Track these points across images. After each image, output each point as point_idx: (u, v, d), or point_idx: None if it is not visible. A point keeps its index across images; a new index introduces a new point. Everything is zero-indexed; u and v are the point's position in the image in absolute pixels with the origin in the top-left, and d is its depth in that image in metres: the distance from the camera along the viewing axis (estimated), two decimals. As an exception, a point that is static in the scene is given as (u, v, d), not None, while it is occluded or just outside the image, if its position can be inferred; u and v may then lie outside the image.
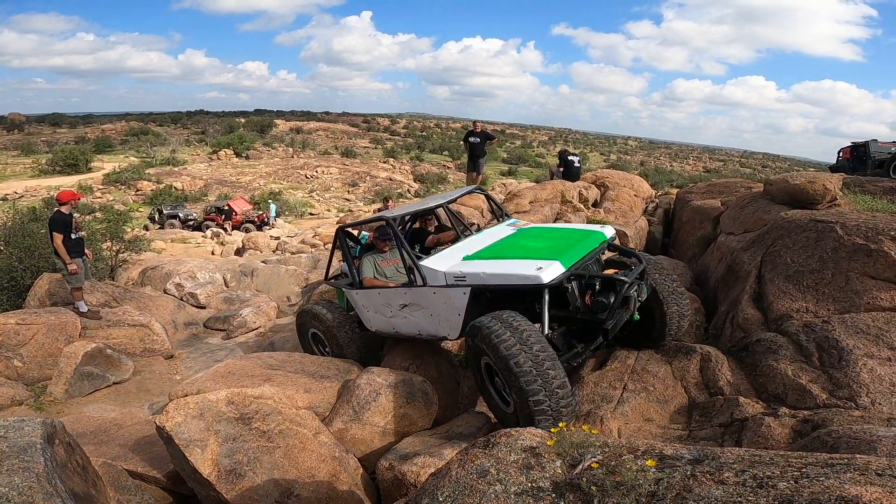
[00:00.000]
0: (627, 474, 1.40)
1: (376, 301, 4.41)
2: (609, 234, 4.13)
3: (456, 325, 3.72)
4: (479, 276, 3.51)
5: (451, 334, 3.85)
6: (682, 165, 72.91)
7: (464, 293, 3.56)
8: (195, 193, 37.73)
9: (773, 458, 1.40)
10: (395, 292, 4.16)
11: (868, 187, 7.28)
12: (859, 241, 4.07)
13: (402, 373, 4.10)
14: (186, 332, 7.42)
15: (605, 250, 4.09)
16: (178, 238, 21.72)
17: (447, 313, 3.76)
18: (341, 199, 41.23)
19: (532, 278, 3.20)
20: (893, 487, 1.17)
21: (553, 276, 3.20)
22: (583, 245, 3.74)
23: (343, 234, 4.86)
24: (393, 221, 4.15)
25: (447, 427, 3.82)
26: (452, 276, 3.63)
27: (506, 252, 3.82)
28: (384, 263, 4.68)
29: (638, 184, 11.06)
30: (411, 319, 4.14)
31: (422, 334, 4.18)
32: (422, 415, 3.84)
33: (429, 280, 3.78)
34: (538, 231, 4.50)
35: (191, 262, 9.66)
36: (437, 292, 3.74)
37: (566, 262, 3.35)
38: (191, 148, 56.24)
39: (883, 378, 3.16)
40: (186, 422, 2.84)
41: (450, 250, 4.11)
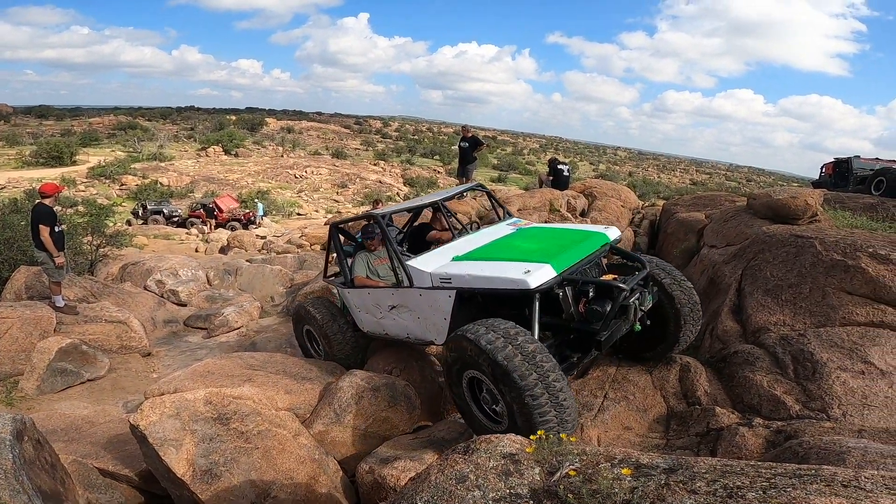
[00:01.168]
0: (603, 482, 1.42)
1: (367, 301, 4.29)
2: (613, 237, 3.87)
3: (442, 329, 3.56)
4: (465, 278, 3.31)
5: (438, 339, 3.69)
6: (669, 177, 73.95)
7: (449, 296, 3.40)
8: (181, 190, 37.28)
9: (743, 468, 1.42)
10: (384, 293, 4.03)
11: (849, 204, 7.45)
12: (837, 257, 4.16)
13: (386, 376, 4.09)
14: (166, 329, 7.30)
15: (606, 253, 3.80)
16: (162, 234, 21.42)
17: (434, 317, 3.60)
18: (330, 200, 41.04)
19: (518, 282, 2.98)
20: (858, 499, 1.20)
21: (541, 280, 2.97)
22: (581, 247, 3.51)
23: (336, 231, 4.73)
24: (381, 218, 4.01)
25: (429, 432, 3.81)
26: (438, 277, 3.46)
27: (497, 253, 3.59)
28: (377, 262, 4.54)
29: (625, 194, 11.18)
30: (400, 322, 4.00)
31: (410, 338, 4.05)
32: (403, 419, 3.83)
33: (415, 281, 3.62)
34: (536, 231, 4.28)
35: (173, 259, 9.53)
36: (423, 294, 3.59)
37: (559, 265, 3.13)
38: (179, 144, 55.59)
39: (855, 391, 3.23)
40: (162, 421, 2.80)
41: (441, 250, 3.95)
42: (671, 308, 3.68)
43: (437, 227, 5.07)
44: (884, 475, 1.30)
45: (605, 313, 2.98)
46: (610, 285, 3.08)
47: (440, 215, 5.02)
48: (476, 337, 2.75)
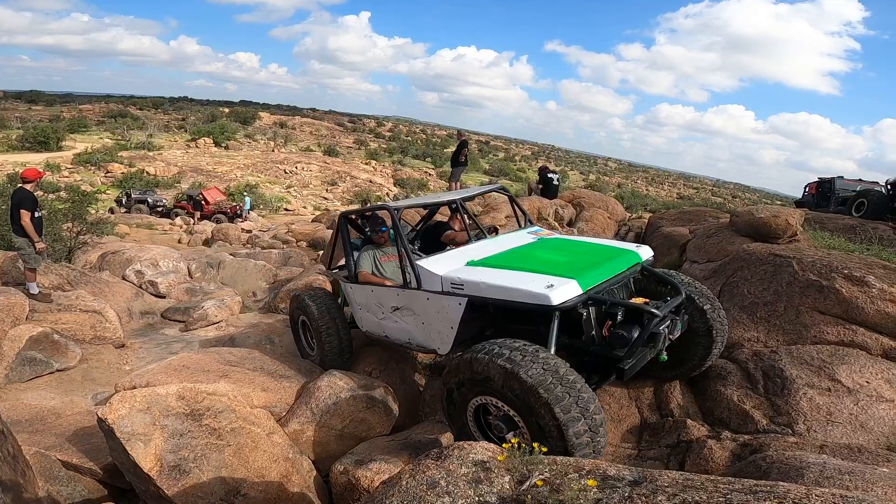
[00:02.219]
0: (569, 493, 1.43)
1: (369, 299, 4.06)
2: (645, 256, 3.60)
3: (447, 339, 3.31)
4: (479, 286, 3.03)
5: (441, 348, 3.45)
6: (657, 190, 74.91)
7: (459, 304, 3.13)
8: (168, 180, 36.83)
9: (704, 482, 1.45)
10: (388, 292, 3.80)
11: (829, 224, 7.61)
12: (813, 278, 4.25)
13: (365, 377, 4.07)
14: (142, 321, 7.18)
15: (636, 274, 3.49)
16: (145, 224, 21.12)
17: (439, 324, 3.34)
18: (319, 197, 40.82)
19: (539, 297, 2.71)
20: None
21: (565, 297, 2.71)
22: (610, 265, 3.23)
23: (345, 222, 4.47)
24: (396, 211, 3.81)
25: (406, 434, 3.81)
26: (450, 282, 3.19)
27: (517, 262, 3.32)
28: (385, 259, 4.27)
29: (613, 206, 11.30)
30: (402, 325, 3.76)
31: (411, 343, 3.82)
32: (381, 421, 3.82)
33: (424, 283, 3.37)
34: (561, 243, 4.00)
35: (154, 250, 9.40)
36: (430, 298, 3.34)
37: (585, 282, 2.86)
38: (169, 134, 54.94)
39: (821, 407, 3.31)
40: (131, 415, 2.76)
41: (455, 252, 3.69)
42: (705, 335, 3.45)
43: (455, 227, 4.78)
44: (833, 493, 1.34)
45: (631, 340, 2.72)
46: (641, 309, 2.82)
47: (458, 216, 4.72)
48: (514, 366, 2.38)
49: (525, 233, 4.28)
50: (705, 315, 3.43)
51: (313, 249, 15.02)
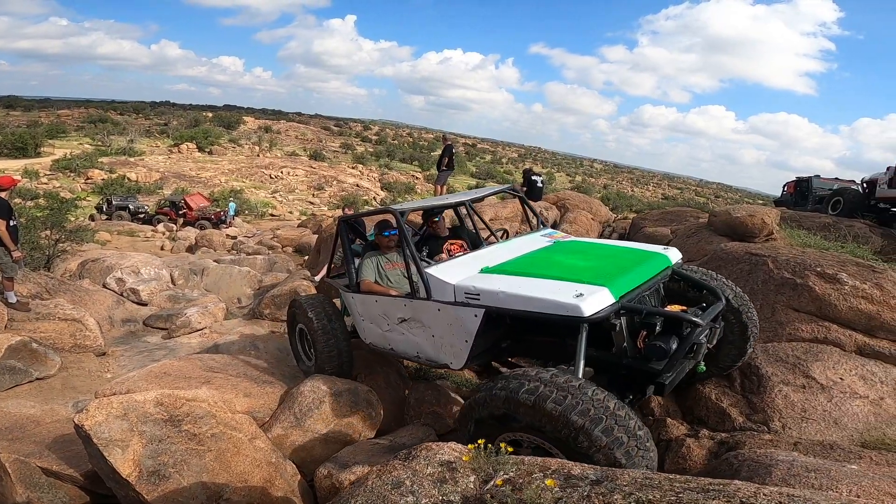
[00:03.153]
0: (529, 493, 1.44)
1: (373, 309, 3.76)
2: (675, 259, 3.35)
3: (461, 353, 3.03)
4: (497, 295, 2.74)
5: (455, 363, 3.15)
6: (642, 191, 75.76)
7: (475, 315, 2.83)
8: (150, 186, 36.38)
9: (661, 481, 1.48)
10: (394, 302, 3.51)
11: (805, 223, 7.77)
12: (787, 275, 4.35)
13: (348, 381, 4.07)
14: (124, 329, 7.08)
15: (666, 279, 3.22)
16: (126, 231, 20.78)
17: (452, 337, 3.05)
18: (305, 202, 40.60)
19: (568, 308, 2.44)
20: None
21: (597, 307, 2.45)
22: (640, 270, 2.96)
23: (345, 227, 4.17)
24: (401, 215, 3.50)
25: (390, 437, 3.82)
26: (463, 291, 2.90)
27: (536, 268, 3.03)
28: (389, 266, 3.99)
29: (596, 207, 11.43)
30: (410, 338, 3.47)
31: (420, 357, 3.51)
32: (365, 424, 3.82)
33: (434, 293, 3.07)
34: (580, 246, 3.68)
35: (136, 257, 9.26)
36: (442, 309, 3.05)
37: (617, 290, 2.60)
38: (151, 139, 54.21)
39: (795, 404, 3.37)
40: (108, 421, 2.74)
41: (466, 258, 3.41)
42: (740, 336, 3.30)
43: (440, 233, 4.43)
44: (781, 492, 1.36)
45: (670, 352, 2.45)
46: (681, 318, 2.55)
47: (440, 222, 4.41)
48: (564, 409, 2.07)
49: (539, 235, 3.98)
50: (740, 316, 3.26)
51: (299, 255, 14.93)
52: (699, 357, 2.72)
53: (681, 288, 3.35)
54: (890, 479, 2.26)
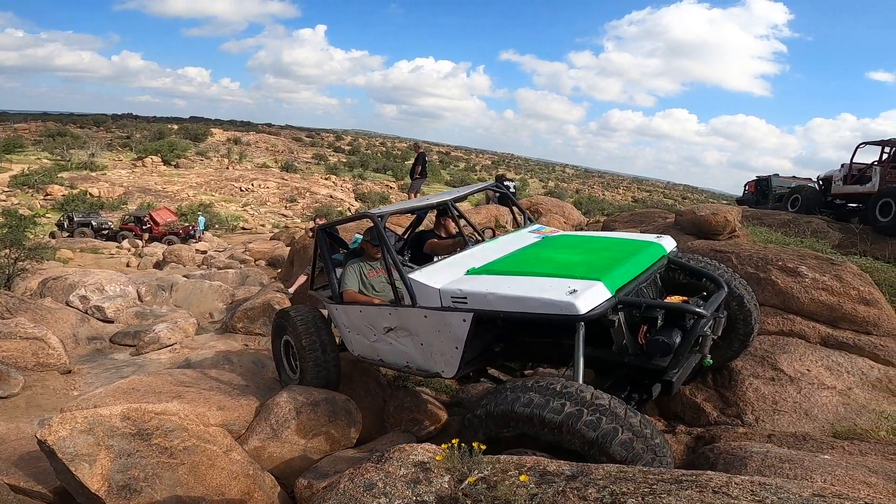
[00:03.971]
0: (503, 490, 1.43)
1: (358, 320, 3.60)
2: (670, 247, 3.23)
3: (452, 360, 2.87)
4: (486, 298, 2.59)
5: (447, 371, 2.99)
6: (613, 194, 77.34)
7: (464, 320, 2.68)
8: (113, 201, 35.23)
9: (634, 474, 1.48)
10: (379, 311, 3.35)
11: (766, 220, 8.07)
12: (751, 270, 4.49)
13: (326, 391, 4.01)
14: (89, 346, 6.85)
15: (662, 269, 3.10)
16: (89, 248, 20.05)
17: (441, 345, 2.90)
18: (278, 214, 39.96)
19: (562, 306, 2.28)
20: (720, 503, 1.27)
21: (593, 303, 2.29)
22: (635, 261, 2.83)
23: (324, 235, 4.03)
24: (380, 219, 3.36)
25: (371, 446, 3.78)
26: (450, 295, 2.74)
27: (526, 266, 2.90)
28: (372, 273, 3.84)
29: (569, 211, 11.62)
30: (398, 348, 3.30)
31: (410, 367, 3.35)
32: (345, 434, 3.77)
33: (419, 299, 2.92)
34: (571, 240, 3.58)
35: (100, 274, 8.96)
36: (428, 316, 2.89)
37: (612, 283, 2.46)
38: (113, 153, 52.55)
39: (766, 396, 3.46)
40: (73, 436, 2.66)
41: (451, 260, 3.25)
42: (744, 324, 3.22)
43: (442, 234, 4.26)
44: (752, 481, 1.37)
45: (674, 346, 2.32)
46: (684, 310, 2.43)
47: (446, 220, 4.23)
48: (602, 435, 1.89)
49: (526, 232, 3.82)
50: (744, 303, 3.15)
51: (272, 268, 14.66)
52: (705, 350, 2.58)
53: (679, 277, 3.21)
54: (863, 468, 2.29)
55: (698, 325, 2.39)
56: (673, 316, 2.45)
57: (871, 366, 3.84)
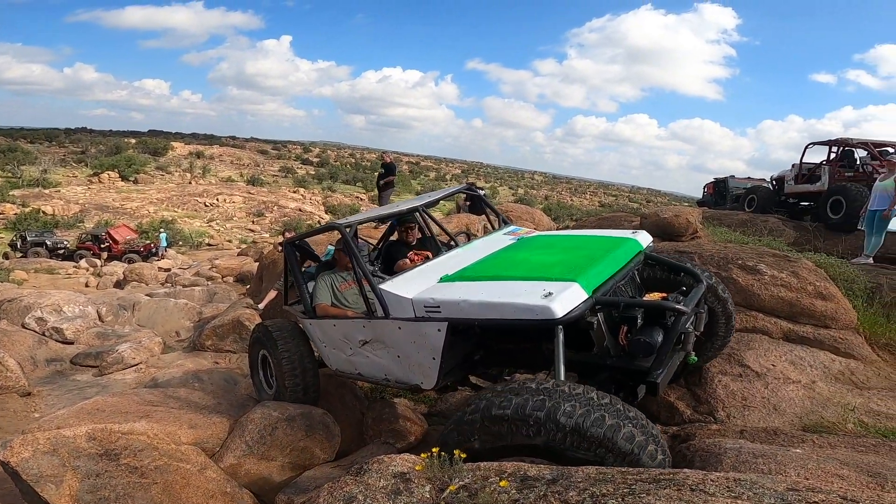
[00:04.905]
0: (485, 496, 1.43)
1: (333, 334, 3.49)
2: (646, 243, 3.19)
3: (431, 372, 2.77)
4: (459, 305, 2.50)
5: (426, 383, 2.88)
6: (580, 200, 78.94)
7: (438, 330, 2.59)
8: (69, 219, 33.81)
9: (614, 475, 1.49)
10: (353, 324, 3.25)
11: (725, 220, 8.40)
12: (713, 269, 4.63)
13: (302, 406, 3.93)
14: (49, 368, 6.57)
15: (639, 265, 3.04)
16: (45, 268, 19.17)
17: (418, 356, 2.80)
18: (245, 229, 39.12)
19: (537, 310, 2.22)
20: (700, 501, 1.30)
21: (570, 306, 2.23)
22: (612, 258, 2.79)
23: (292, 249, 3.91)
24: (346, 229, 3.27)
25: (351, 459, 3.72)
26: (423, 305, 2.65)
27: (500, 269, 2.84)
28: (345, 285, 3.74)
29: (539, 217, 11.83)
30: (375, 360, 3.20)
31: (389, 380, 3.22)
32: (324, 447, 3.70)
33: (392, 310, 2.83)
34: (546, 240, 3.52)
35: (57, 295, 8.59)
36: (402, 327, 2.79)
37: (588, 282, 2.40)
38: (67, 169, 50.44)
39: (735, 393, 3.52)
40: (36, 457, 2.56)
41: (424, 268, 3.17)
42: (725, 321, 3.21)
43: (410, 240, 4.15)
44: (727, 477, 1.40)
45: (657, 345, 2.26)
46: (664, 307, 2.37)
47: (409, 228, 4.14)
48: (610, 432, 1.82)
49: (501, 234, 3.76)
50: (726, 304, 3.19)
51: (241, 284, 14.33)
52: (688, 347, 2.49)
53: (657, 273, 3.16)
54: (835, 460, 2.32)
55: (679, 322, 2.32)
56: (653, 314, 2.38)
57: (833, 359, 3.97)
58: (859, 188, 7.89)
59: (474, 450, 1.96)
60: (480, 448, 1.98)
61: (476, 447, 1.98)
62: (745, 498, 1.27)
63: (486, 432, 1.97)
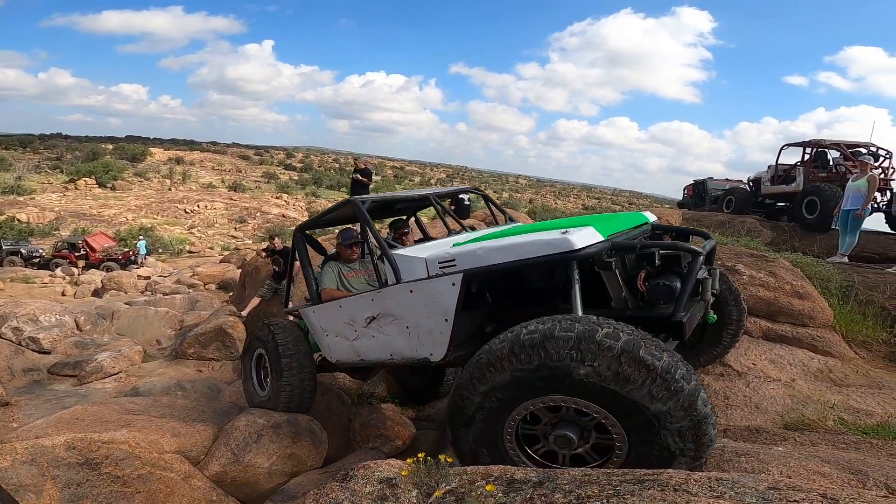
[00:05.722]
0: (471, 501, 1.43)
1: (337, 319, 3.44)
2: (652, 219, 3.21)
3: (442, 338, 2.67)
4: (476, 253, 2.50)
5: (435, 353, 2.76)
6: (564, 203, 79.56)
7: (453, 284, 2.55)
8: (44, 227, 32.95)
9: (598, 477, 1.51)
10: (361, 301, 3.22)
11: (704, 221, 8.55)
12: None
13: (286, 414, 3.88)
14: (26, 378, 6.43)
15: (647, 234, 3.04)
16: (20, 277, 18.64)
17: (429, 321, 2.72)
18: (227, 236, 38.56)
19: (556, 243, 2.25)
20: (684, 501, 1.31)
21: (587, 241, 2.26)
22: (620, 220, 2.86)
23: (302, 237, 3.90)
24: (362, 204, 3.25)
25: (340, 465, 3.70)
26: (437, 261, 2.64)
27: (513, 231, 2.85)
28: (351, 274, 3.79)
29: (524, 220, 11.88)
30: (381, 338, 3.14)
31: (395, 358, 3.12)
32: (311, 454, 3.67)
33: (405, 273, 2.79)
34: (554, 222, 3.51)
35: (33, 304, 8.40)
36: (415, 290, 2.74)
37: (603, 230, 2.42)
38: (42, 175, 49.21)
39: (718, 392, 3.57)
40: (14, 466, 2.52)
41: (435, 242, 3.17)
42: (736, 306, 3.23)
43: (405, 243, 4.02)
44: (710, 477, 1.42)
45: (676, 290, 2.23)
46: (680, 247, 2.36)
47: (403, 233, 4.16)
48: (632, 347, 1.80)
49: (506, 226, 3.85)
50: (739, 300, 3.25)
51: (224, 291, 14.12)
52: (707, 297, 2.45)
53: None
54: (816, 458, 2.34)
55: (697, 263, 2.29)
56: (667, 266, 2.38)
57: (811, 357, 4.05)
58: (833, 188, 8.10)
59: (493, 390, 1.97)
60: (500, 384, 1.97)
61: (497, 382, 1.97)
62: (727, 497, 1.29)
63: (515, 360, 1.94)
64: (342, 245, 3.84)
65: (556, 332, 1.89)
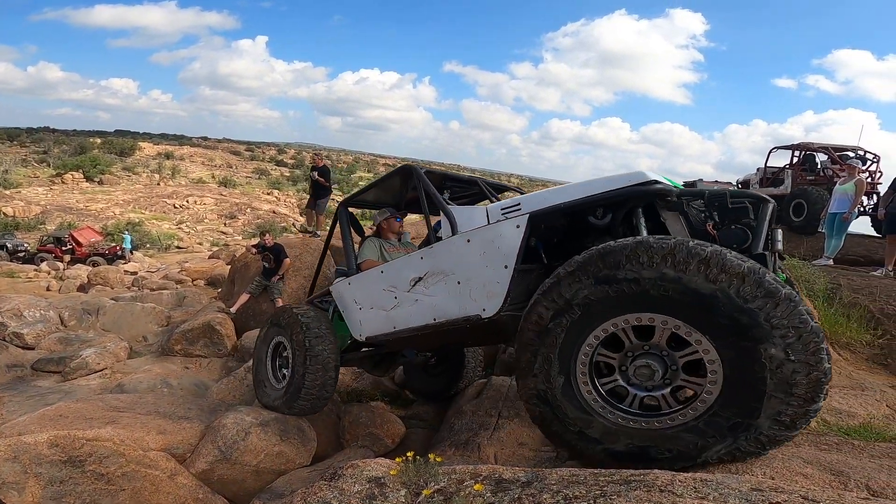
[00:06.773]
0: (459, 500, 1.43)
1: (376, 286, 3.32)
2: None
3: (498, 289, 2.51)
4: (544, 197, 2.47)
5: (489, 308, 2.58)
6: (554, 206, 79.65)
7: (517, 226, 2.45)
8: (30, 221, 32.46)
9: (586, 477, 1.51)
10: (408, 260, 3.10)
11: (695, 226, 8.58)
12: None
13: (300, 414, 3.85)
14: (9, 374, 6.33)
15: None
16: (4, 271, 18.36)
17: (485, 271, 2.58)
18: (216, 231, 38.25)
19: (631, 177, 2.26)
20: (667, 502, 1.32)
21: (660, 178, 2.30)
22: None
23: (345, 210, 3.92)
24: (419, 168, 3.27)
25: (328, 463, 3.68)
26: (499, 209, 2.62)
27: None
28: (392, 249, 3.78)
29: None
30: (425, 301, 2.97)
31: (437, 321, 2.92)
32: (299, 452, 3.65)
33: (462, 226, 2.74)
34: None
35: (17, 299, 8.25)
36: (472, 238, 2.64)
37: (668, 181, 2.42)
38: (28, 169, 48.43)
39: None
40: None
41: None
42: None
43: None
44: (695, 478, 1.43)
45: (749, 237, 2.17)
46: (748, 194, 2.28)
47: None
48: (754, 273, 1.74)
49: None
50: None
51: (212, 288, 13.98)
52: (776, 248, 2.29)
53: None
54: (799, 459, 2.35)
55: (767, 210, 2.23)
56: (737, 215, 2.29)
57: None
58: (820, 191, 8.20)
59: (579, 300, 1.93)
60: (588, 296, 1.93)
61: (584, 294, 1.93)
62: (710, 498, 1.30)
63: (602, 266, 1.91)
64: (385, 221, 3.91)
65: (690, 245, 1.81)
